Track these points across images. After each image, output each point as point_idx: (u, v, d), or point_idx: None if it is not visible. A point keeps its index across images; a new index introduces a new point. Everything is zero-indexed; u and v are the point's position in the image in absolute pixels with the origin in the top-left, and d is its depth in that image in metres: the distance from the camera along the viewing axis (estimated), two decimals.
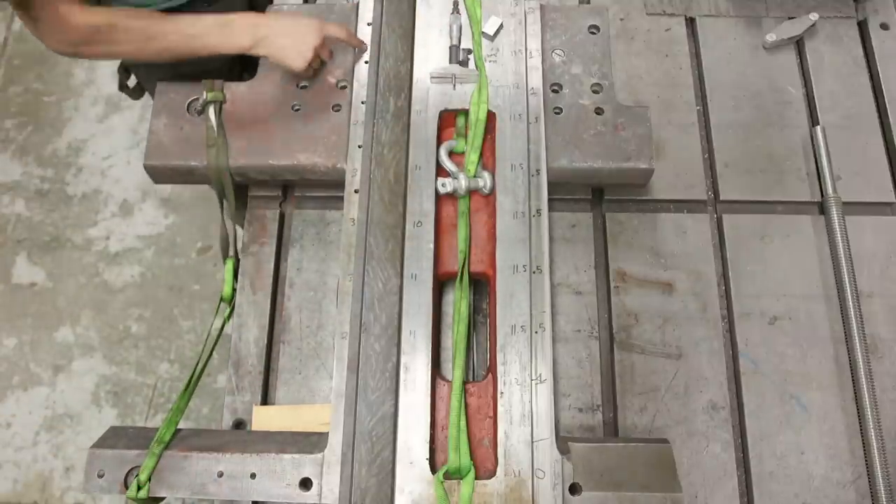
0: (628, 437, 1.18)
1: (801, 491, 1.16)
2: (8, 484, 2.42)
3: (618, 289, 1.28)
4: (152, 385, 2.53)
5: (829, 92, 1.45)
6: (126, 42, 1.20)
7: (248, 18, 1.24)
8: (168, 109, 1.30)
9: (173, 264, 2.71)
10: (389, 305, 1.12)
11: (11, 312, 2.65)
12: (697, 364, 1.23)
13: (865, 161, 1.39)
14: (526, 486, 1.02)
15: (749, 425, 1.19)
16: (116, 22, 1.17)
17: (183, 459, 1.05)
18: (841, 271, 1.26)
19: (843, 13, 1.52)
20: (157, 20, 1.21)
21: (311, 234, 1.33)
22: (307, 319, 1.26)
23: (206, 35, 1.21)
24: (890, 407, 1.20)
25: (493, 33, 1.32)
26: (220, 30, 1.22)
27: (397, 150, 1.23)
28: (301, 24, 1.24)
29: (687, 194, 1.36)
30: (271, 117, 1.29)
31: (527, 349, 1.09)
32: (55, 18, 1.13)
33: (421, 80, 1.29)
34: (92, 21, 1.15)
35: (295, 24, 1.25)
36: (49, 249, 2.75)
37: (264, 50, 1.23)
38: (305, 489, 1.03)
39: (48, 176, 2.89)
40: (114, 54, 1.25)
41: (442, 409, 1.10)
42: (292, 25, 1.24)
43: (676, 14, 1.53)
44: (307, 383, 1.23)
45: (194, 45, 1.22)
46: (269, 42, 1.23)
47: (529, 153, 1.22)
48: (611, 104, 1.30)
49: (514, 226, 1.17)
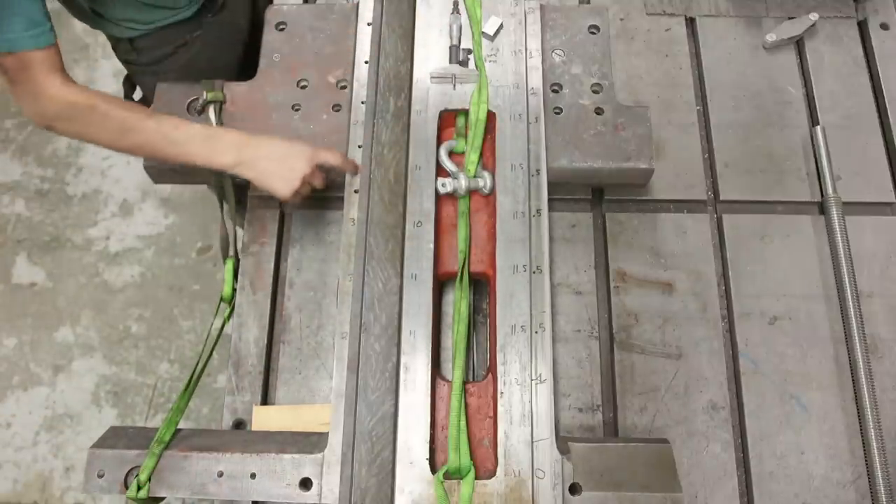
0: (628, 437, 1.18)
1: (801, 491, 1.16)
2: (8, 484, 2.42)
3: (618, 289, 1.28)
4: (152, 385, 2.53)
5: (829, 92, 1.45)
6: (102, 128, 1.12)
7: (234, 136, 1.16)
8: (168, 109, 1.29)
9: (173, 264, 2.71)
10: (389, 305, 1.12)
11: (11, 312, 2.65)
12: (697, 364, 1.23)
13: (865, 161, 1.39)
14: (526, 486, 1.02)
15: (749, 425, 1.19)
16: (96, 104, 1.10)
17: (183, 459, 1.05)
18: (841, 271, 1.26)
19: (843, 13, 1.52)
20: (140, 113, 1.14)
21: (311, 234, 1.33)
22: (307, 319, 1.26)
23: (188, 143, 1.13)
24: (890, 407, 1.20)
25: (493, 33, 1.32)
26: (204, 142, 1.14)
27: (397, 150, 1.22)
28: (291, 150, 1.16)
29: (687, 194, 1.36)
30: (271, 117, 1.29)
31: (527, 349, 1.09)
32: (33, 86, 1.07)
33: (421, 80, 1.29)
34: (70, 98, 1.09)
35: (284, 148, 1.16)
36: (49, 249, 2.75)
37: (248, 172, 1.15)
38: (305, 489, 1.03)
39: (48, 176, 2.89)
40: (88, 137, 1.15)
41: (442, 409, 1.10)
42: (281, 150, 1.16)
43: (676, 14, 1.53)
44: (307, 383, 1.23)
45: (173, 150, 1.14)
46: (253, 164, 1.15)
47: (529, 153, 1.22)
48: (611, 104, 1.30)
49: (514, 226, 1.17)
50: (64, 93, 1.08)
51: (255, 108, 1.30)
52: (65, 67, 1.11)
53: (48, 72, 1.07)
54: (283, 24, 1.39)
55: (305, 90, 1.32)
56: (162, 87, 1.32)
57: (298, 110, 1.29)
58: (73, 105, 1.09)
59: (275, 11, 1.40)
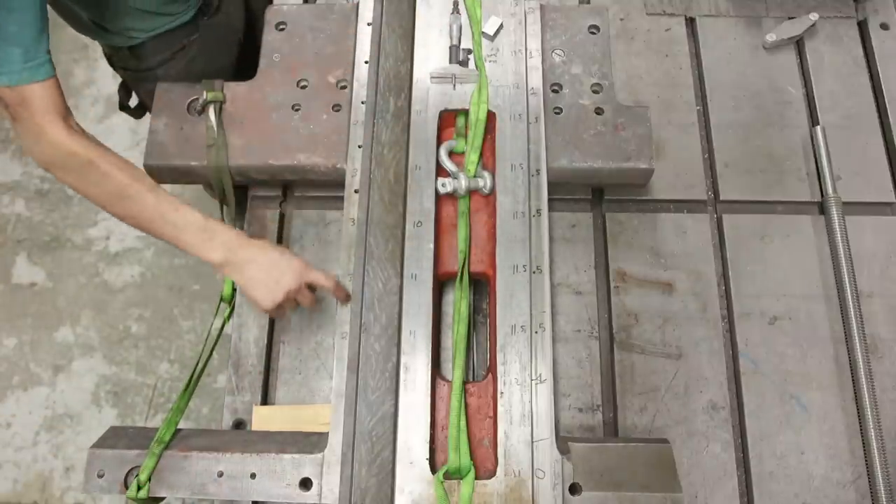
0: (628, 437, 1.18)
1: (801, 491, 1.16)
2: (8, 484, 2.42)
3: (618, 289, 1.28)
4: (152, 385, 2.53)
5: (829, 92, 1.45)
6: (98, 188, 1.08)
7: (229, 235, 1.12)
8: (168, 109, 1.30)
9: (173, 264, 2.71)
10: (389, 305, 1.12)
11: (11, 312, 2.65)
12: (697, 364, 1.23)
13: (865, 161, 1.39)
14: (526, 486, 1.02)
15: (749, 425, 1.19)
16: (95, 162, 1.05)
17: (183, 459, 1.05)
18: (841, 271, 1.26)
19: (843, 13, 1.52)
20: (140, 184, 1.09)
21: (311, 234, 1.33)
22: (307, 319, 1.26)
23: (184, 230, 1.10)
24: (890, 407, 1.20)
25: (493, 33, 1.32)
26: (199, 233, 1.10)
27: (397, 150, 1.23)
28: (281, 263, 1.11)
29: (687, 194, 1.36)
30: (271, 117, 1.29)
31: (527, 349, 1.09)
32: (33, 125, 1.03)
33: (421, 80, 1.29)
34: (71, 148, 1.04)
35: (275, 260, 1.11)
36: (49, 249, 2.75)
37: (233, 274, 1.12)
38: (305, 489, 1.03)
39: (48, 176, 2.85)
40: (83, 192, 1.10)
41: (442, 409, 1.10)
42: (271, 261, 1.11)
43: (676, 14, 1.53)
44: (307, 383, 1.23)
45: (167, 231, 1.10)
46: (240, 269, 1.11)
47: (529, 153, 1.22)
48: (611, 104, 1.30)
49: (514, 226, 1.17)
50: (65, 140, 1.04)
51: (255, 108, 1.30)
52: (68, 108, 1.07)
53: (48, 110, 1.03)
54: (283, 24, 1.38)
55: (305, 90, 1.32)
56: (162, 88, 1.32)
57: (298, 110, 1.29)
58: (73, 155, 1.05)
59: (275, 11, 1.40)
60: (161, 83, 1.33)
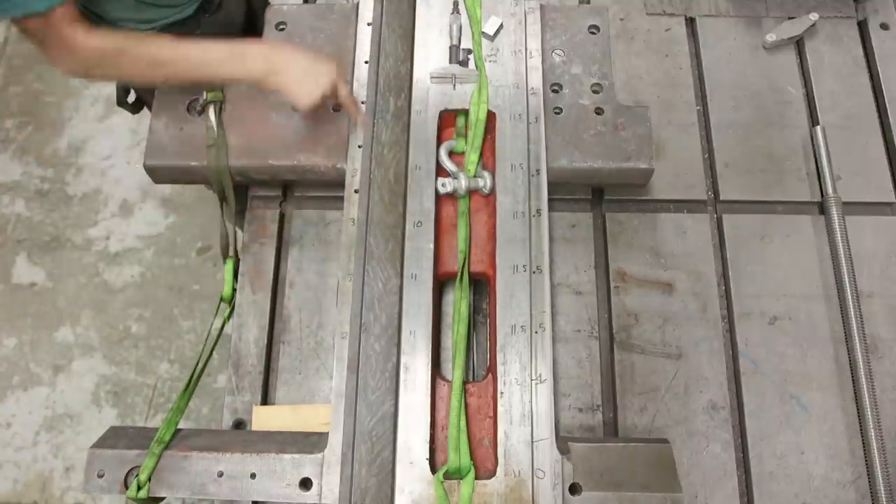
0: (628, 437, 1.18)
1: (801, 491, 1.16)
2: (8, 484, 2.42)
3: (618, 289, 1.28)
4: (152, 385, 2.53)
5: (829, 92, 1.45)
6: (134, 67, 1.17)
7: (262, 47, 1.19)
8: (168, 109, 1.30)
9: (173, 264, 2.71)
10: (389, 305, 1.12)
11: (11, 312, 2.65)
12: (697, 364, 1.23)
13: (865, 161, 1.39)
14: (526, 486, 1.02)
15: (749, 425, 1.19)
16: (124, 47, 1.14)
17: (183, 459, 1.05)
18: (841, 271, 1.26)
19: (843, 13, 1.52)
20: (167, 46, 1.17)
21: (311, 234, 1.33)
22: (307, 319, 1.26)
23: (219, 64, 1.17)
24: (890, 407, 1.20)
25: (493, 33, 1.32)
26: (233, 59, 1.17)
27: (397, 150, 1.23)
28: (320, 63, 1.18)
29: (687, 194, 1.36)
30: (271, 117, 1.29)
31: (527, 349, 1.09)
32: (59, 42, 1.10)
33: (421, 80, 1.29)
34: (98, 45, 1.12)
35: (312, 61, 1.18)
36: (49, 249, 2.75)
37: (277, 79, 1.17)
38: (305, 489, 1.03)
39: (48, 176, 2.89)
40: (124, 77, 1.24)
41: (442, 409, 1.10)
42: (309, 62, 1.18)
43: (676, 14, 1.53)
44: (307, 383, 1.23)
45: (204, 72, 1.18)
46: (281, 73, 1.17)
47: (529, 153, 1.22)
48: (611, 104, 1.30)
49: (514, 226, 1.17)
50: (91, 41, 1.11)
51: (255, 107, 1.30)
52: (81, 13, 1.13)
53: (70, 23, 1.09)
54: (283, 24, 1.39)
55: None
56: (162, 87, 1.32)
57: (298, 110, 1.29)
58: (103, 52, 1.13)
59: (275, 11, 1.40)
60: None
